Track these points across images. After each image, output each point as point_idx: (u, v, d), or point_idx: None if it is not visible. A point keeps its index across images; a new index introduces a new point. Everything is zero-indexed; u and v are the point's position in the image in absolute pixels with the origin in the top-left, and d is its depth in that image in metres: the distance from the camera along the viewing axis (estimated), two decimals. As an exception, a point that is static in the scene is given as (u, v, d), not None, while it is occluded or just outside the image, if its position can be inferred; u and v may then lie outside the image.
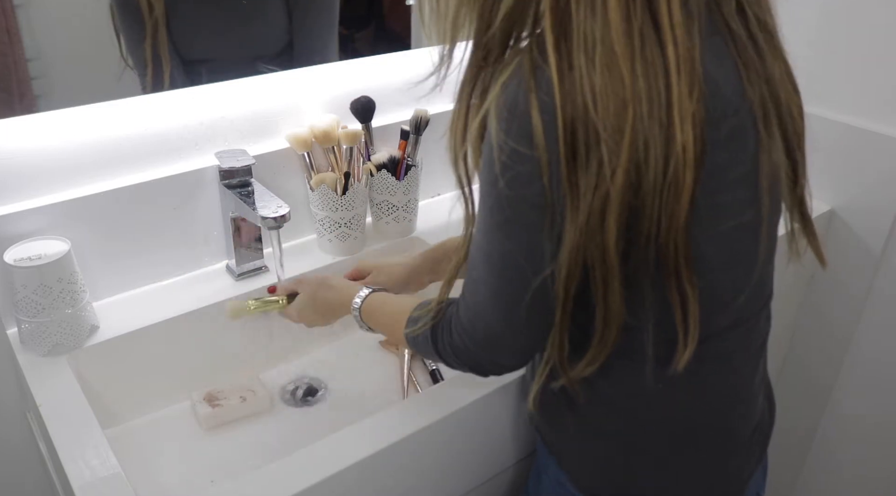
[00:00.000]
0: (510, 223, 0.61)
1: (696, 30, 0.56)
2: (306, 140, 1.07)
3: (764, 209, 0.64)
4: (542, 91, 0.56)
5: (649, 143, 0.55)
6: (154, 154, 0.99)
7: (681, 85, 0.55)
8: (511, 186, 0.59)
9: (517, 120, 0.57)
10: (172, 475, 0.90)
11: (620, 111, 0.54)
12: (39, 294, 0.86)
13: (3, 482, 1.06)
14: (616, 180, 0.55)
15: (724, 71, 0.60)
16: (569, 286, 0.61)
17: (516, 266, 0.62)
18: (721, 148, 0.59)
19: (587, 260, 0.59)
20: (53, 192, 0.93)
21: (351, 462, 0.75)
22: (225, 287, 1.04)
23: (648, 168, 0.55)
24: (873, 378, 1.35)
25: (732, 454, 0.76)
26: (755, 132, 0.62)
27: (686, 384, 0.69)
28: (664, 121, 0.55)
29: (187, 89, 0.99)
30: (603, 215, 0.57)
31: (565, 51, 0.55)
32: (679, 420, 0.72)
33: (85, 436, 0.79)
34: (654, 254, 0.59)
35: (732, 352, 0.72)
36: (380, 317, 0.85)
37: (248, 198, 0.97)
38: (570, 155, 0.56)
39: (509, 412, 0.90)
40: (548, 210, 0.59)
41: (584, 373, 0.66)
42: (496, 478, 0.96)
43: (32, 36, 0.87)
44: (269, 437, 0.96)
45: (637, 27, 0.54)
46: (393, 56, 1.19)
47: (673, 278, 0.60)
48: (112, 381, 0.94)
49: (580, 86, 0.54)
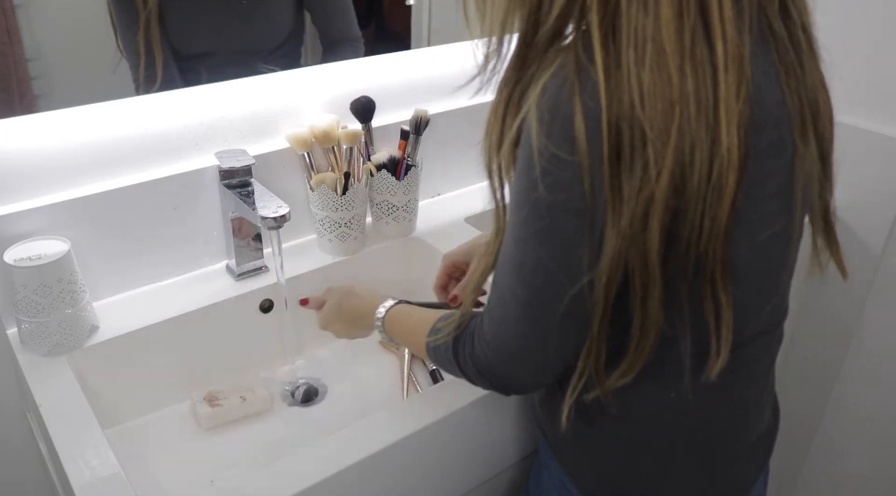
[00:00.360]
0: (547, 231, 0.59)
1: (745, 28, 0.55)
2: (306, 140, 1.07)
3: (796, 219, 0.64)
4: (587, 94, 0.54)
5: (695, 145, 0.54)
6: (154, 154, 0.99)
7: (728, 84, 0.54)
8: (551, 192, 0.56)
9: (559, 123, 0.55)
10: (172, 475, 0.90)
11: (668, 111, 0.53)
12: (39, 294, 0.86)
13: (3, 482, 1.06)
14: (661, 182, 0.54)
15: (767, 77, 0.59)
16: (609, 293, 0.59)
17: (551, 276, 0.60)
18: (761, 157, 0.58)
19: (628, 265, 0.58)
20: (53, 192, 0.93)
21: (351, 462, 0.75)
22: (225, 287, 1.04)
23: (693, 170, 0.54)
24: (873, 378, 1.35)
25: (736, 461, 0.76)
26: (792, 141, 0.61)
27: (706, 393, 0.68)
28: (710, 122, 0.54)
29: (187, 89, 0.99)
30: (646, 219, 0.55)
31: (613, 49, 0.54)
32: (689, 426, 0.71)
33: (85, 436, 0.79)
34: (694, 259, 0.58)
35: (752, 364, 0.71)
36: (403, 326, 0.84)
37: (248, 198, 0.97)
38: (615, 157, 0.54)
39: (509, 412, 0.90)
40: (588, 216, 0.57)
41: (618, 383, 0.64)
42: (497, 478, 0.96)
43: (32, 36, 0.87)
44: (269, 437, 0.96)
45: (689, 24, 0.53)
46: (393, 56, 1.19)
47: (709, 285, 0.59)
48: (112, 381, 0.94)
49: (627, 85, 0.53)
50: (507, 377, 0.69)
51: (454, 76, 1.26)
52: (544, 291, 0.61)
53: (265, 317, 1.06)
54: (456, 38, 1.25)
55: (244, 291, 1.03)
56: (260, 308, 1.06)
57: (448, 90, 1.25)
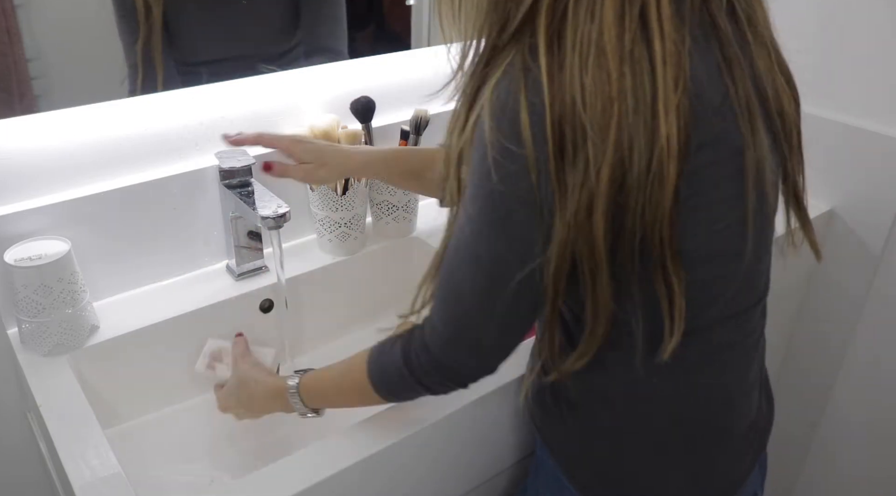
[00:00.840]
0: (501, 221, 0.61)
1: (685, 25, 0.58)
2: (306, 140, 1.07)
3: (750, 205, 0.65)
4: (531, 92, 0.57)
5: (633, 138, 0.56)
6: (154, 154, 0.99)
7: (667, 78, 0.56)
8: (503, 183, 0.59)
9: (507, 117, 0.58)
10: (172, 475, 0.90)
11: (607, 108, 0.56)
12: (40, 294, 0.86)
13: (3, 482, 1.06)
14: (602, 176, 0.57)
15: (709, 71, 0.61)
16: (558, 280, 0.62)
17: (506, 264, 0.63)
18: (704, 147, 0.60)
19: (575, 254, 0.60)
20: (53, 192, 0.93)
21: (351, 462, 0.75)
22: (225, 287, 1.04)
23: (633, 162, 0.57)
24: (873, 378, 1.35)
25: (724, 451, 0.76)
26: (738, 131, 0.62)
27: (676, 375, 0.70)
28: (648, 115, 0.56)
29: (187, 89, 0.99)
30: (590, 211, 0.58)
31: (558, 52, 0.57)
32: (668, 413, 0.72)
33: (85, 435, 0.79)
34: (639, 246, 0.60)
35: (724, 346, 0.72)
36: (328, 388, 0.81)
37: (248, 198, 0.97)
38: (558, 153, 0.57)
39: (509, 412, 0.90)
40: (536, 207, 0.59)
41: (574, 366, 0.67)
42: (497, 477, 0.96)
43: (32, 36, 0.87)
44: (268, 437, 0.96)
45: (630, 27, 0.56)
46: (393, 56, 1.19)
47: (659, 270, 0.62)
48: (112, 381, 0.94)
49: (570, 86, 0.56)
50: (469, 370, 0.71)
51: (454, 76, 1.26)
52: (500, 279, 0.63)
53: (265, 317, 1.06)
54: (456, 37, 1.25)
55: (244, 291, 1.03)
56: (260, 308, 1.06)
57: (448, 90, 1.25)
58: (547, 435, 0.80)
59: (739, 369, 0.75)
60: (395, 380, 0.74)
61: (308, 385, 0.82)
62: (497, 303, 0.65)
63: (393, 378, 0.73)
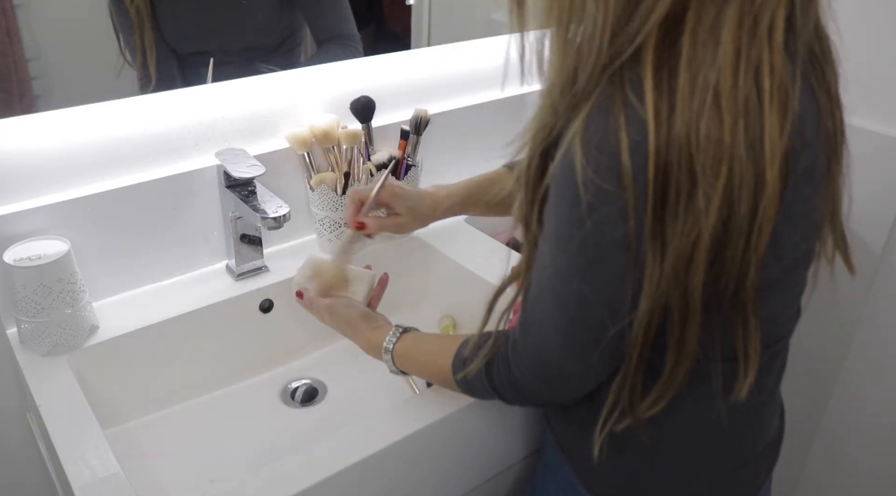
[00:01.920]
0: (592, 266, 0.58)
1: (794, 67, 0.55)
2: (306, 140, 1.07)
3: (821, 239, 0.65)
4: (633, 130, 0.53)
5: (742, 183, 0.54)
6: (154, 154, 0.99)
7: (773, 119, 0.54)
8: (598, 228, 0.56)
9: (606, 157, 0.54)
10: (172, 475, 0.90)
11: (719, 154, 0.53)
12: (39, 294, 0.86)
13: (3, 482, 1.06)
14: (709, 221, 0.54)
15: (808, 102, 0.59)
16: (648, 333, 0.59)
17: (593, 310, 0.61)
18: (797, 183, 0.58)
19: (669, 304, 0.58)
20: (53, 192, 0.93)
21: (351, 462, 0.75)
22: (225, 287, 1.04)
23: (739, 207, 0.54)
24: (874, 378, 1.35)
25: (746, 465, 0.76)
26: (825, 163, 0.61)
27: (717, 401, 0.68)
28: (758, 159, 0.54)
29: (187, 89, 0.99)
30: (691, 259, 0.55)
31: (668, 91, 0.54)
32: (710, 440, 0.72)
33: (85, 436, 0.79)
34: (733, 290, 0.58)
35: (763, 371, 0.71)
36: (417, 357, 0.82)
37: (248, 198, 0.97)
38: (660, 200, 0.54)
39: (514, 410, 0.90)
40: (630, 253, 0.57)
41: (648, 413, 0.65)
42: (501, 475, 0.96)
43: (32, 36, 0.87)
44: (269, 437, 0.96)
45: (744, 71, 0.53)
46: (393, 56, 1.19)
47: (741, 312, 0.60)
48: (112, 381, 0.94)
49: (682, 130, 0.53)
50: (546, 397, 0.70)
51: (454, 76, 1.27)
52: (586, 324, 0.62)
53: (265, 317, 1.06)
54: (456, 38, 1.25)
55: (244, 291, 1.03)
56: (260, 308, 1.06)
57: (448, 90, 1.26)
58: (565, 440, 0.79)
59: (769, 392, 0.75)
60: (473, 381, 0.74)
61: (401, 352, 0.82)
62: (580, 344, 0.63)
63: (472, 378, 0.74)
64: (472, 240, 1.19)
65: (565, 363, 0.65)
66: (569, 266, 0.60)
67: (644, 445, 0.72)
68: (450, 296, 1.15)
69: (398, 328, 0.84)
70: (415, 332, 0.84)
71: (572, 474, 0.78)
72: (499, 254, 1.15)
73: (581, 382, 0.68)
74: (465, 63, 1.27)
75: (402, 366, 0.83)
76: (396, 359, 0.83)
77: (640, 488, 0.75)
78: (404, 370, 0.84)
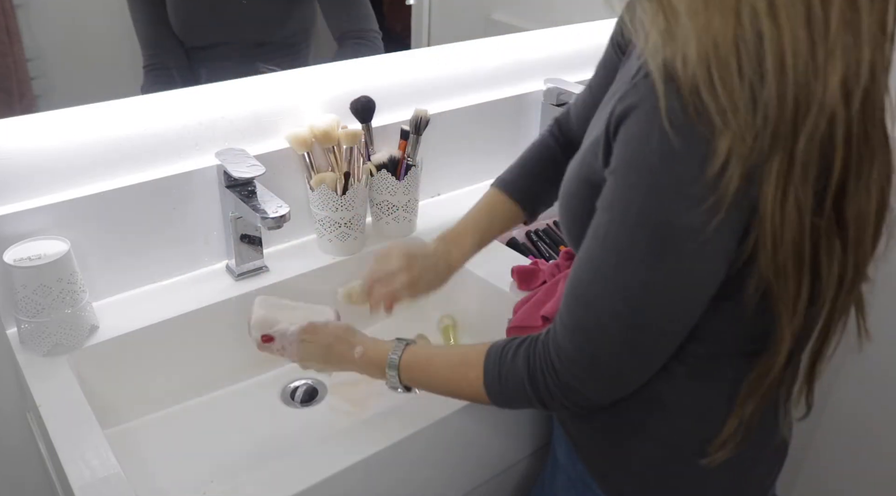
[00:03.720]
0: (667, 254, 0.59)
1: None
2: (306, 140, 1.07)
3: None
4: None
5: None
6: (154, 154, 0.99)
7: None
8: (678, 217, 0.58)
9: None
10: (172, 475, 0.90)
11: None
12: (39, 294, 0.86)
13: (3, 482, 1.06)
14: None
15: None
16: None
17: (661, 298, 0.61)
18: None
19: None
20: (53, 192, 0.93)
21: (351, 462, 0.75)
22: (225, 287, 1.04)
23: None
24: (874, 379, 1.35)
25: (762, 461, 0.76)
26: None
27: (738, 387, 0.68)
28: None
29: (187, 89, 0.99)
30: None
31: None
32: (719, 424, 0.70)
33: (85, 436, 0.79)
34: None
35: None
36: (433, 375, 0.77)
37: (248, 198, 0.97)
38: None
39: (515, 411, 0.90)
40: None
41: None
42: (502, 475, 0.96)
43: (32, 36, 0.87)
44: (269, 437, 0.96)
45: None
46: (393, 56, 1.19)
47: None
48: (112, 381, 0.94)
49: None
50: (599, 396, 0.68)
51: (454, 76, 1.27)
52: (652, 312, 0.61)
53: (265, 317, 1.06)
54: (456, 38, 1.25)
55: (244, 291, 1.03)
56: (260, 308, 1.06)
57: (448, 90, 1.26)
58: (581, 439, 0.78)
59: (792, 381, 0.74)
60: (512, 392, 0.71)
61: (410, 364, 0.78)
62: (644, 338, 0.63)
63: (510, 389, 0.71)
64: (472, 240, 1.19)
65: (627, 358, 0.65)
66: (637, 255, 0.60)
67: (655, 434, 0.72)
68: (450, 297, 1.15)
69: (401, 340, 0.80)
70: (419, 344, 0.81)
71: (587, 474, 0.78)
72: (499, 254, 1.15)
73: (640, 373, 0.67)
74: (465, 63, 1.27)
75: (409, 378, 0.79)
76: (404, 371, 0.78)
77: (658, 487, 0.75)
78: (411, 384, 0.80)
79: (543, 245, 1.28)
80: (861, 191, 0.58)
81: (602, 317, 0.63)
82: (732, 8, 0.52)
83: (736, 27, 0.53)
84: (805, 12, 0.52)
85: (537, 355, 0.68)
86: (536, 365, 0.68)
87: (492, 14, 1.37)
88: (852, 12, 0.52)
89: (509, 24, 1.35)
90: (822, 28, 0.52)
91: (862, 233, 0.61)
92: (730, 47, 0.53)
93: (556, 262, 1.06)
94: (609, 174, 0.61)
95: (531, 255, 1.19)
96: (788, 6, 0.52)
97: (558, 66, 1.40)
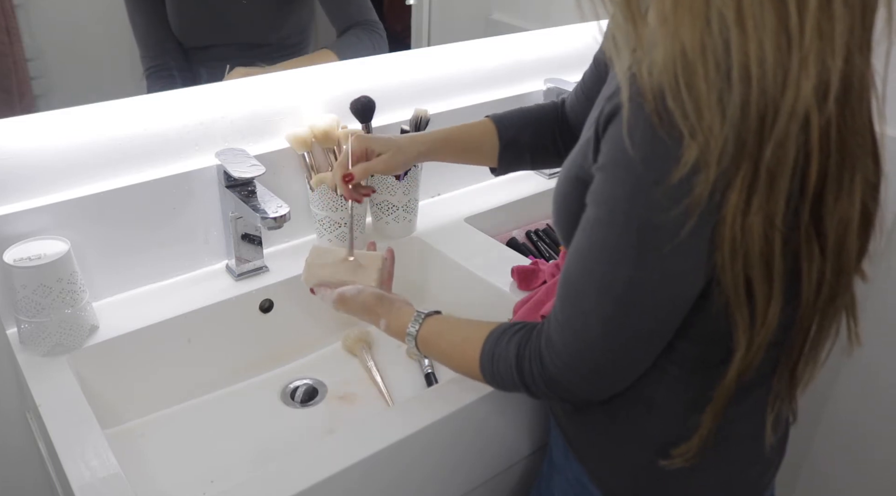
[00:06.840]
0: (650, 250, 0.59)
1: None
2: (306, 140, 1.07)
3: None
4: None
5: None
6: (154, 154, 0.99)
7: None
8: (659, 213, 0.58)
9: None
10: (172, 475, 0.90)
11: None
12: (39, 294, 0.86)
13: (3, 482, 1.06)
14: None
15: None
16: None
17: (645, 294, 0.61)
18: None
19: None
20: (53, 192, 0.93)
21: (351, 462, 0.75)
22: (225, 287, 1.04)
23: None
24: (873, 379, 1.35)
25: (758, 462, 0.76)
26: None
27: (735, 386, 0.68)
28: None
29: (187, 89, 1.00)
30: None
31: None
32: (722, 434, 0.71)
33: (85, 436, 0.79)
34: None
35: (764, 368, 0.71)
36: (442, 346, 0.80)
37: (248, 198, 0.97)
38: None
39: (518, 407, 0.90)
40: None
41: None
42: (502, 475, 0.96)
43: (32, 36, 0.87)
44: (269, 437, 0.96)
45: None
46: (393, 56, 1.19)
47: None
48: (112, 381, 0.94)
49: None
50: (581, 393, 0.69)
51: (454, 76, 1.27)
52: (633, 309, 0.62)
53: (265, 317, 1.06)
54: (456, 38, 1.25)
55: (244, 291, 1.03)
56: (260, 308, 1.06)
57: (448, 90, 1.26)
58: (576, 438, 0.79)
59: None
60: (501, 373, 0.73)
61: (425, 337, 0.81)
62: (626, 335, 0.64)
63: (500, 371, 0.73)
64: (471, 240, 1.19)
65: (608, 354, 0.65)
66: (622, 249, 0.60)
67: (650, 434, 0.72)
68: (449, 296, 1.15)
69: (420, 313, 0.83)
70: (437, 317, 0.83)
71: (583, 473, 0.78)
72: (499, 254, 1.15)
73: (621, 376, 0.68)
74: (465, 63, 1.27)
75: (425, 351, 0.82)
76: (421, 344, 0.82)
77: (651, 487, 0.75)
78: (427, 355, 0.83)
79: (543, 245, 1.28)
80: (842, 198, 0.58)
81: (588, 314, 0.64)
82: (701, 15, 0.53)
83: (704, 34, 0.53)
84: (777, 20, 0.52)
85: (529, 343, 0.70)
86: (525, 353, 0.70)
87: (491, 14, 1.37)
88: (827, 20, 0.52)
89: (509, 24, 1.35)
90: (798, 34, 0.52)
91: (843, 239, 0.60)
92: (697, 54, 0.53)
93: (556, 262, 1.06)
94: (597, 170, 0.62)
95: (531, 255, 1.19)
96: (757, 15, 0.52)
97: (558, 66, 1.40)
